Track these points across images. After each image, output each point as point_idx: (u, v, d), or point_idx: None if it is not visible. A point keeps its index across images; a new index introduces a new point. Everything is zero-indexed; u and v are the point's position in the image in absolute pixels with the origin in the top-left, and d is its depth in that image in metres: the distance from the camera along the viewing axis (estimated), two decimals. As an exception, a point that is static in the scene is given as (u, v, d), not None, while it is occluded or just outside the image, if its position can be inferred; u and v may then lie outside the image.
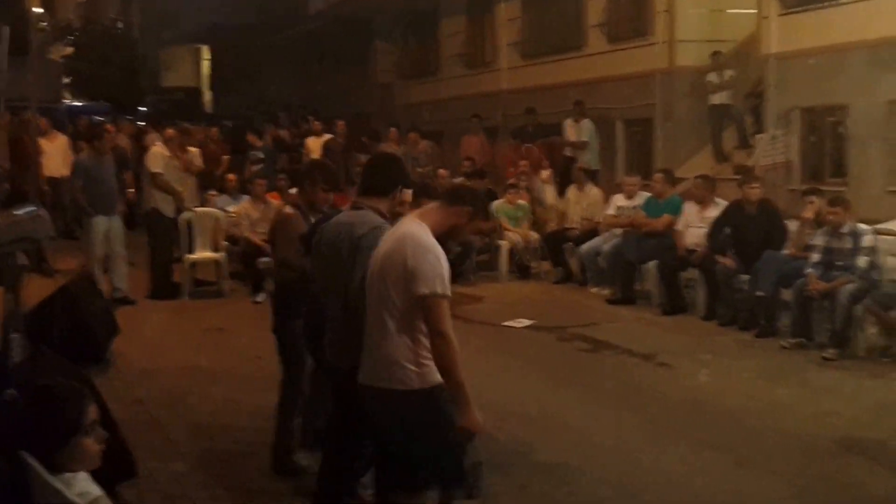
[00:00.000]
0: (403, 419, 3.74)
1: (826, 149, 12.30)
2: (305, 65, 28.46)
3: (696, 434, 6.14)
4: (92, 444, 2.68)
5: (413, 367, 3.68)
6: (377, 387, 3.77)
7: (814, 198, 8.74)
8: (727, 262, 9.27)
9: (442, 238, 3.80)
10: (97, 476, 2.83)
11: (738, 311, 9.13)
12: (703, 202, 10.00)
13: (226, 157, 15.64)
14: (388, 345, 3.72)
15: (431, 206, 3.96)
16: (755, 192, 9.29)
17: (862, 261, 8.02)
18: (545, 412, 6.55)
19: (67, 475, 2.65)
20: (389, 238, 3.84)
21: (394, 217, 4.14)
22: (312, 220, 5.11)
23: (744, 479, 5.39)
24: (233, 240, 11.57)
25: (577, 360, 8.18)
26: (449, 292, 3.69)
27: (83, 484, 2.69)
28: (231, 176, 13.34)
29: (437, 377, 3.69)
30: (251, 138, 16.10)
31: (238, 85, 31.60)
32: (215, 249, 11.49)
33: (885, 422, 6.32)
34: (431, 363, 3.69)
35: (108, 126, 15.92)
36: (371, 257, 3.92)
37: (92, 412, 2.70)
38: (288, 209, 5.62)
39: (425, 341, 3.70)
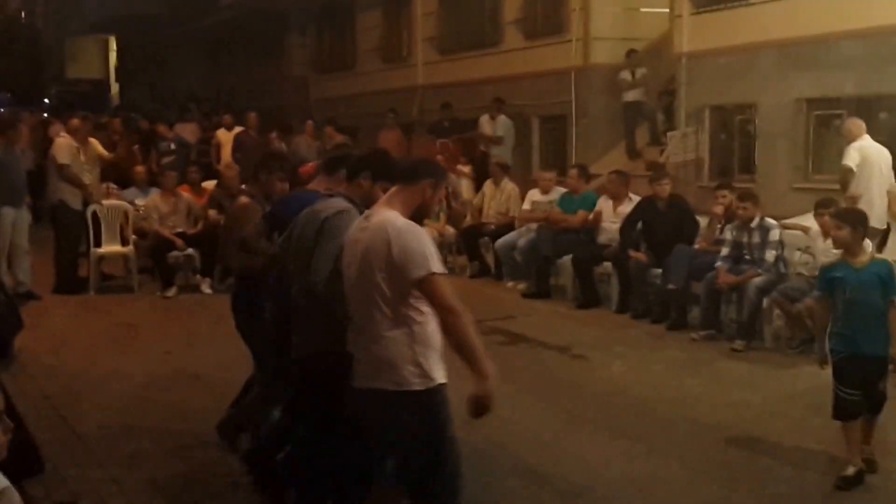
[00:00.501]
0: (400, 421, 3.56)
1: (735, 146, 12.61)
2: (217, 57, 27.96)
3: (609, 423, 6.22)
4: (-3, 436, 2.57)
5: (411, 367, 3.51)
6: (373, 388, 3.56)
7: (725, 192, 8.93)
8: (639, 256, 9.42)
9: (415, 218, 3.67)
10: (2, 471, 2.72)
11: (650, 304, 9.29)
12: (617, 198, 10.15)
13: (135, 148, 15.24)
14: (382, 344, 3.54)
15: (393, 190, 3.78)
16: (665, 188, 9.46)
17: (769, 255, 8.23)
18: (462, 404, 6.54)
19: (-29, 468, 2.54)
20: (365, 231, 3.66)
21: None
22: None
23: (655, 467, 5.48)
24: (141, 233, 11.31)
25: (494, 352, 8.05)
26: (444, 269, 3.54)
27: (-12, 476, 2.59)
28: (139, 168, 13.00)
29: (437, 377, 3.55)
30: (161, 129, 15.74)
31: (147, 77, 30.89)
32: (123, 243, 11.22)
33: (791, 411, 6.49)
34: (430, 361, 3.54)
35: (11, 116, 15.35)
36: (336, 243, 3.83)
37: (-3, 403, 2.59)
38: (244, 199, 5.55)
39: (421, 335, 3.53)
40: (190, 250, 10.89)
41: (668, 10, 13.49)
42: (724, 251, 8.48)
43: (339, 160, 4.61)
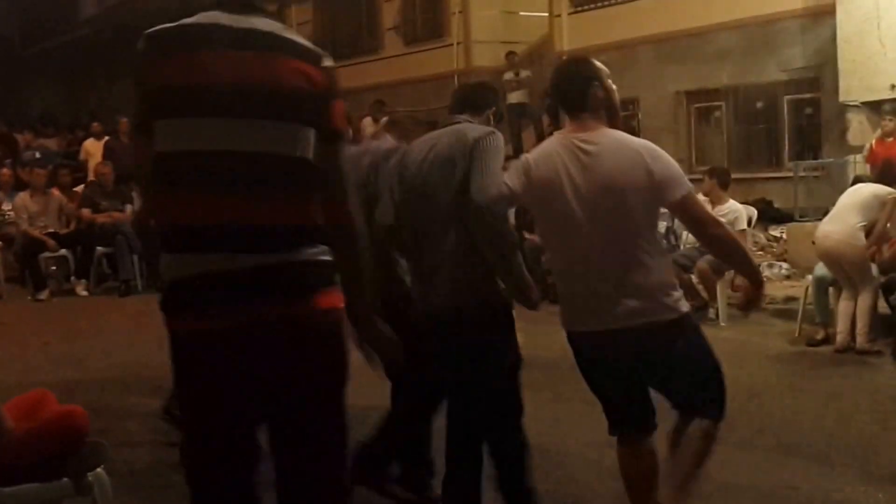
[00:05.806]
0: (673, 348, 3.27)
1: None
2: (76, 75, 26.81)
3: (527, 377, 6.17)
4: None
5: (676, 293, 3.24)
6: (636, 326, 3.21)
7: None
8: (533, 238, 9.40)
9: None
10: None
11: (547, 285, 9.25)
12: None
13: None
14: (641, 275, 3.20)
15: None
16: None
17: (660, 226, 8.31)
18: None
19: None
20: (592, 156, 3.24)
21: None
22: None
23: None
24: (8, 240, 10.64)
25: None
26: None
27: None
28: (5, 171, 12.20)
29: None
30: (26, 138, 14.93)
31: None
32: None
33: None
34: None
35: None
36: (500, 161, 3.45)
37: None
38: None
39: (668, 262, 3.39)
40: (63, 251, 10.31)
41: (546, 14, 13.68)
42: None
43: None
